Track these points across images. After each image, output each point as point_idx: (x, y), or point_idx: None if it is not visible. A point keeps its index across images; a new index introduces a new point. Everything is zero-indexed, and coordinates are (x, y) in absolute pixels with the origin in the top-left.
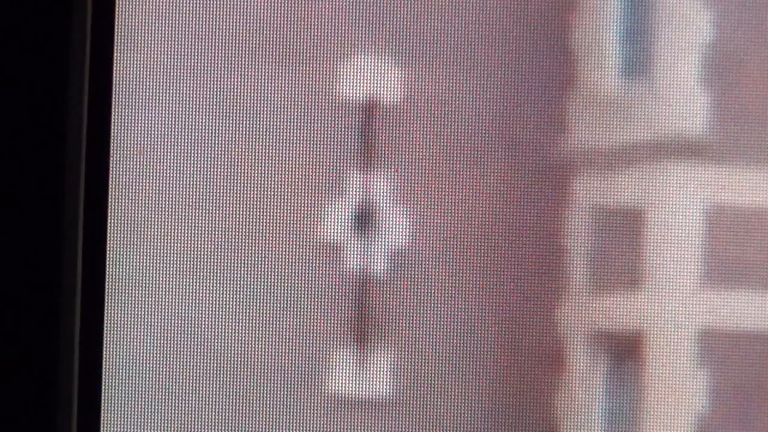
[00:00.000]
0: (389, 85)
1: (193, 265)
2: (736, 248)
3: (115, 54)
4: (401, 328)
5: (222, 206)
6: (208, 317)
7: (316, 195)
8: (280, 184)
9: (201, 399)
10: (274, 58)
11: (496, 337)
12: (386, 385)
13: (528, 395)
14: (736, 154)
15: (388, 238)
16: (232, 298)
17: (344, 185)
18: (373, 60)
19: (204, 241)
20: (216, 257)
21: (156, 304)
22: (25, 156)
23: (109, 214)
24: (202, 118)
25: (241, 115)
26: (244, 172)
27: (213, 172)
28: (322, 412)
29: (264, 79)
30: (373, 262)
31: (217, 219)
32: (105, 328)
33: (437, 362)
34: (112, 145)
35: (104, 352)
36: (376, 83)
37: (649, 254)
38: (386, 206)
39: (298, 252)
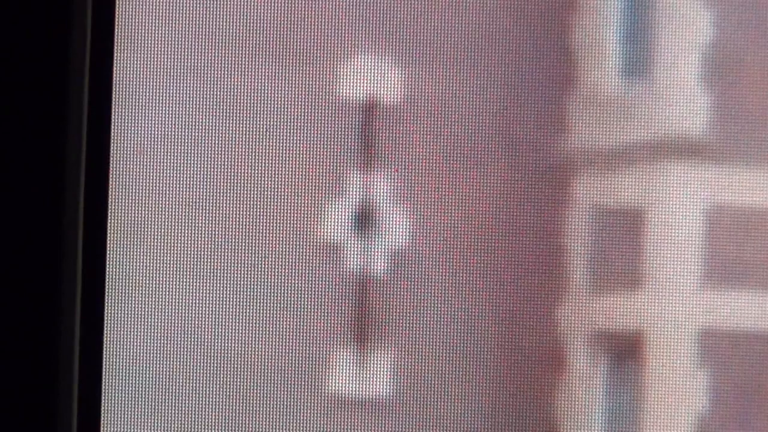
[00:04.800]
0: (389, 85)
1: (193, 265)
2: (736, 248)
3: (115, 54)
4: (401, 328)
5: (222, 206)
6: (208, 317)
7: (316, 195)
8: (280, 184)
9: (201, 399)
10: (274, 58)
11: (496, 337)
12: (386, 385)
13: (528, 395)
14: (736, 154)
15: (388, 238)
16: (232, 298)
17: (344, 185)
18: (373, 60)
19: (204, 241)
20: (216, 257)
21: (156, 304)
22: (25, 156)
23: (109, 214)
24: (202, 118)
25: (241, 115)
26: (244, 172)
27: (213, 172)
28: (322, 412)
29: (264, 79)
30: (373, 262)
31: (217, 219)
32: (105, 328)
33: (437, 362)
34: (112, 145)
35: (104, 352)
36: (376, 83)
37: (649, 254)
38: (386, 206)
39: (298, 252)
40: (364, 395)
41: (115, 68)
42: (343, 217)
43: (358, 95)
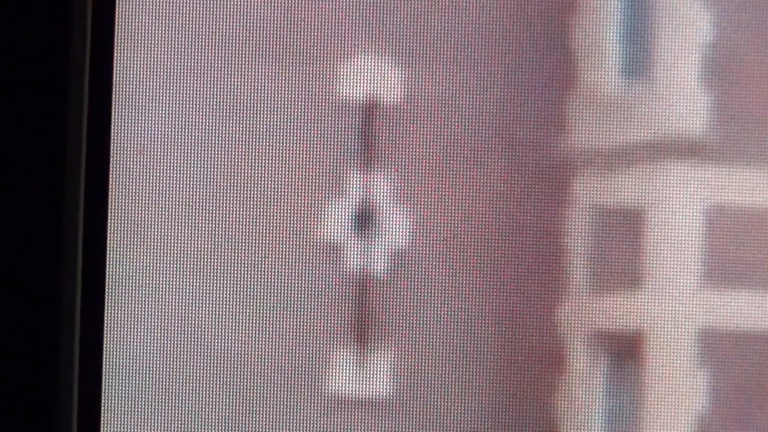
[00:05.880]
0: (389, 85)
1: (193, 265)
2: (736, 248)
3: (115, 54)
4: (401, 328)
5: (222, 206)
6: (208, 317)
7: (316, 195)
8: (280, 184)
9: (201, 399)
10: (274, 58)
11: (496, 337)
12: (386, 385)
13: (528, 395)
14: (736, 154)
15: (388, 238)
16: (232, 298)
17: (344, 185)
18: (373, 60)
19: (204, 241)
20: (216, 257)
21: (156, 304)
22: (25, 156)
23: (109, 214)
24: (202, 118)
25: (241, 115)
26: (244, 172)
27: (213, 172)
28: (322, 412)
29: (264, 79)
30: (373, 262)
31: (217, 219)
32: (105, 328)
33: (437, 362)
34: (112, 145)
35: (104, 352)
36: (376, 83)
37: (649, 254)
38: (386, 206)
39: (298, 252)
40: (364, 395)
41: (115, 68)
42: (343, 217)
43: (358, 95)
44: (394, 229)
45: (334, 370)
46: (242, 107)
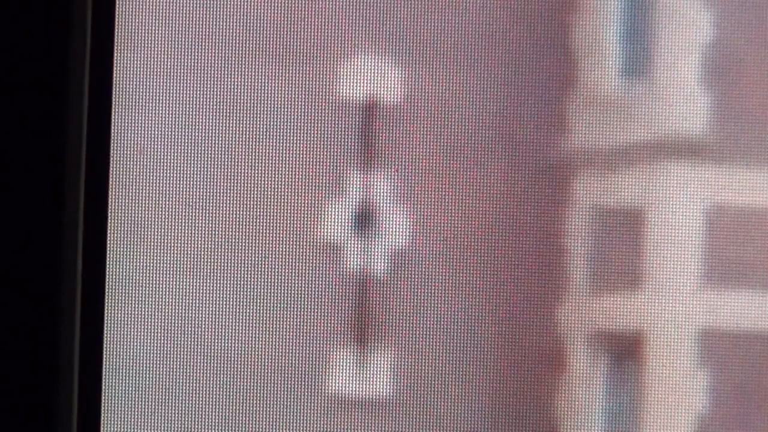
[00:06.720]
0: (389, 85)
1: (193, 265)
2: (736, 248)
3: (115, 54)
4: (401, 328)
5: (222, 206)
6: (208, 317)
7: (316, 195)
8: (280, 184)
9: (201, 399)
10: (274, 58)
11: (496, 337)
12: (386, 385)
13: (528, 395)
14: (736, 154)
15: (388, 238)
16: (232, 298)
17: (344, 185)
18: (373, 60)
19: (204, 241)
20: (216, 257)
21: (156, 304)
22: (25, 156)
23: (109, 214)
24: (202, 118)
25: (241, 115)
26: (244, 172)
27: (213, 172)
28: (322, 412)
29: (264, 79)
30: (373, 262)
31: (217, 219)
32: (105, 328)
33: (437, 362)
34: (112, 145)
35: (104, 352)
36: (376, 83)
37: (649, 254)
38: (386, 206)
39: (298, 252)
40: (364, 395)
41: (115, 68)
42: (343, 217)
43: (358, 95)
44: (394, 229)
45: (334, 370)
46: (242, 107)
